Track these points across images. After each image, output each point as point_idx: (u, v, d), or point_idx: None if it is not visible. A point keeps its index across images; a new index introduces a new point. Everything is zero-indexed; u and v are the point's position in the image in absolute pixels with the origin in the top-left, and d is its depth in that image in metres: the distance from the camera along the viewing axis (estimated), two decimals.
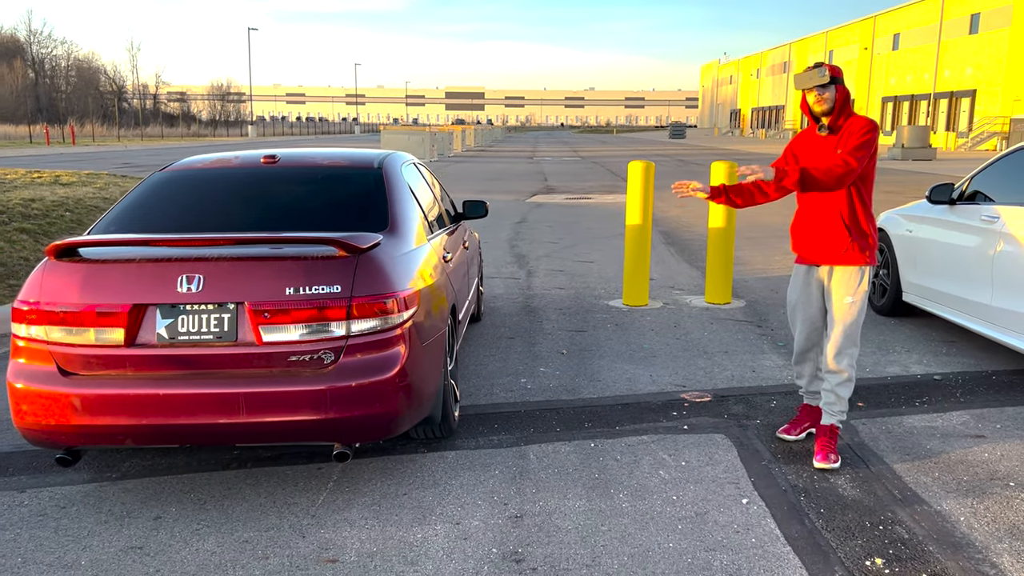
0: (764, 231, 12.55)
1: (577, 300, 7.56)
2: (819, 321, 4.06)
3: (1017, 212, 4.97)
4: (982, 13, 49.51)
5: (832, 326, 3.91)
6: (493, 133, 79.08)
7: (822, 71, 3.76)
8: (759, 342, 6.04)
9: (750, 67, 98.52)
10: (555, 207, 16.63)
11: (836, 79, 3.82)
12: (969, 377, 5.11)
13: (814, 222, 3.93)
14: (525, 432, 4.29)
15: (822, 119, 3.86)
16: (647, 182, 7.12)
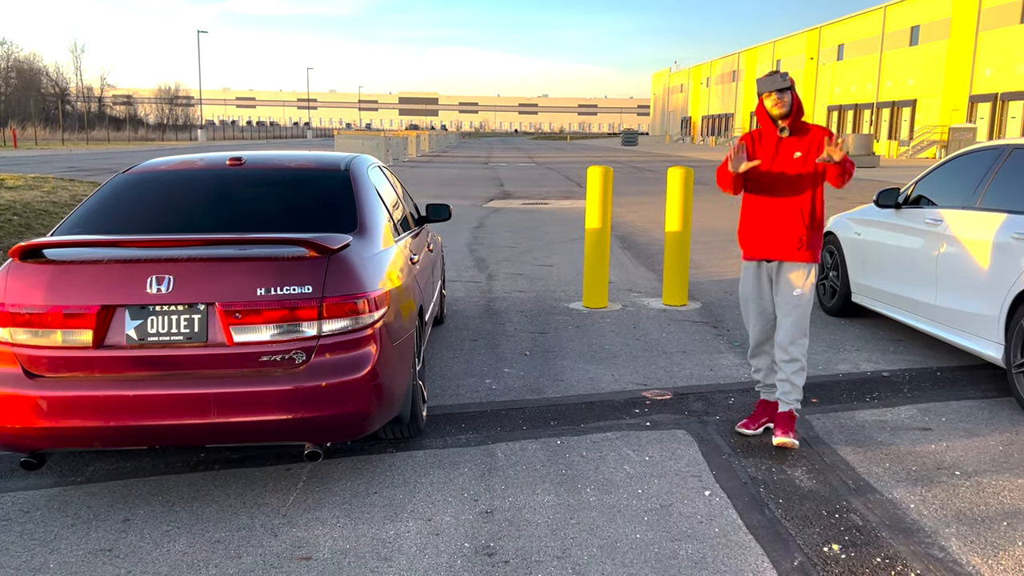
0: (716, 235, 12.82)
1: (538, 303, 7.65)
2: (773, 314, 4.26)
3: (958, 215, 5.21)
4: (921, 26, 51.15)
5: (783, 318, 4.14)
6: (447, 139, 79.04)
7: (784, 76, 3.97)
8: (716, 342, 6.20)
9: (700, 76, 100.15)
10: (513, 212, 16.74)
11: (792, 86, 4.03)
12: (916, 373, 5.33)
13: (771, 219, 4.13)
14: (492, 431, 4.35)
15: (780, 122, 4.06)
16: (606, 187, 7.26)
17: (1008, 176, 4.94)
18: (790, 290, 4.13)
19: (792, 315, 4.12)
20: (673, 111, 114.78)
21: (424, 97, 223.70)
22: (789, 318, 4.13)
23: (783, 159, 4.10)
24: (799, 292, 4.12)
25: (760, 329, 4.31)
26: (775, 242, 4.14)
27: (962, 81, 46.91)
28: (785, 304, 4.15)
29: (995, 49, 44.21)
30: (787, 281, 4.14)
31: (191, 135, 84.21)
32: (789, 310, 4.13)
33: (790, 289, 4.13)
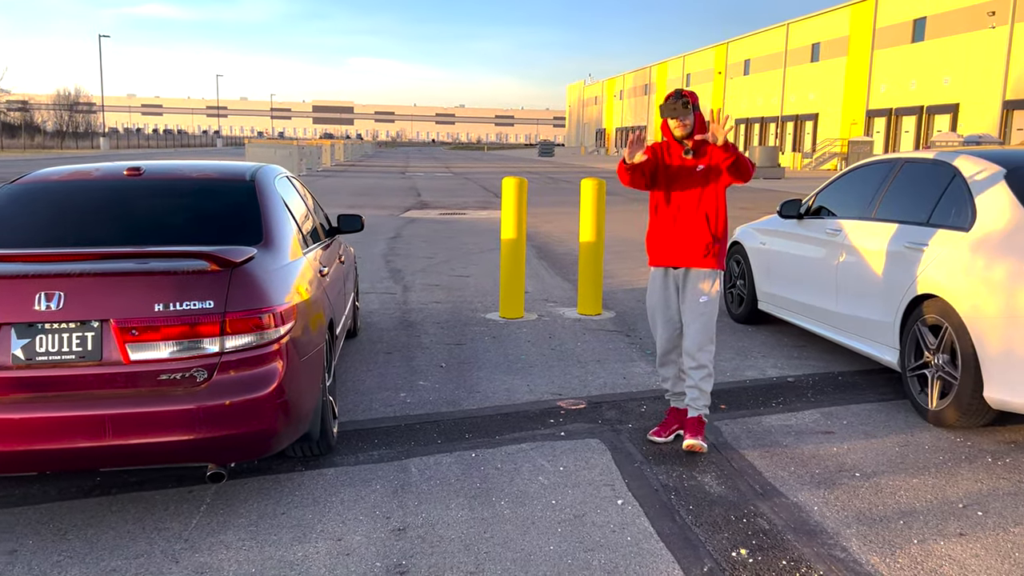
0: (630, 245, 13.04)
1: (454, 314, 7.61)
2: (679, 323, 4.35)
3: (856, 225, 5.43)
4: (822, 43, 53.48)
5: (690, 325, 4.24)
6: (363, 148, 78.23)
7: (684, 101, 4.09)
8: (629, 350, 6.28)
9: (614, 88, 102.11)
10: (429, 222, 16.66)
11: (694, 106, 4.16)
12: (818, 378, 5.52)
13: (677, 228, 4.25)
14: (406, 446, 4.29)
15: (685, 142, 4.20)
16: (520, 197, 7.28)
17: (900, 188, 5.18)
18: (696, 297, 4.23)
19: (699, 322, 4.23)
20: (588, 123, 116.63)
21: (339, 106, 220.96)
22: (696, 324, 4.23)
23: (688, 172, 4.24)
24: (705, 299, 4.23)
25: (667, 337, 4.40)
26: (682, 250, 4.25)
27: (860, 96, 49.24)
28: (692, 311, 4.25)
29: (889, 66, 46.59)
30: (693, 288, 4.25)
31: (93, 143, 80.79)
32: (695, 317, 4.23)
33: (696, 296, 4.24)
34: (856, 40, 49.72)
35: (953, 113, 41.56)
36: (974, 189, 4.51)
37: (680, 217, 4.25)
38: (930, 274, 4.52)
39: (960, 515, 3.49)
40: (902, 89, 45.49)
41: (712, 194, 4.23)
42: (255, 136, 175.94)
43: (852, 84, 50.10)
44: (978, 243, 4.29)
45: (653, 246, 4.36)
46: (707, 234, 4.21)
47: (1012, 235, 4.14)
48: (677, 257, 4.27)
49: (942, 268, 4.44)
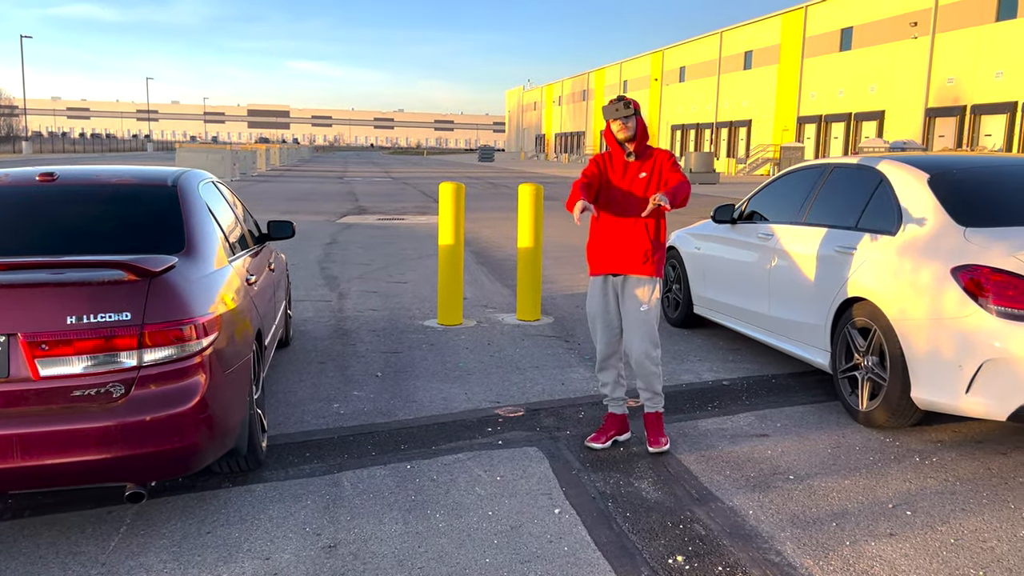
0: (569, 251, 13.08)
1: (391, 321, 7.49)
2: (619, 328, 4.36)
3: (787, 230, 5.51)
4: (754, 51, 54.76)
5: (632, 333, 4.26)
6: (300, 152, 77.08)
7: (627, 103, 4.13)
8: (567, 356, 6.26)
9: (552, 94, 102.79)
10: (367, 228, 16.45)
11: (636, 111, 4.20)
12: (753, 381, 5.58)
13: (618, 236, 4.25)
14: (338, 459, 4.17)
15: (627, 145, 4.22)
16: (457, 203, 7.21)
17: (829, 193, 5.27)
18: (636, 305, 4.25)
19: (641, 329, 4.25)
20: (528, 128, 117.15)
21: (275, 110, 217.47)
22: (638, 332, 4.25)
23: (630, 179, 4.25)
24: (645, 307, 4.25)
25: (607, 343, 4.39)
26: (621, 257, 4.25)
27: (791, 103, 50.55)
28: (632, 319, 4.27)
29: (819, 74, 47.95)
30: (633, 296, 4.26)
31: (15, 147, 77.80)
32: (637, 325, 4.25)
33: (636, 304, 4.25)
34: (787, 49, 51.04)
35: (879, 120, 42.97)
36: (900, 194, 4.62)
37: (621, 224, 4.26)
38: (859, 278, 4.60)
39: (890, 515, 3.54)
40: (831, 96, 46.86)
41: None
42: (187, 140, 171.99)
43: (784, 91, 51.41)
44: (904, 247, 4.38)
45: (593, 253, 4.35)
46: (647, 241, 4.23)
47: (936, 239, 4.24)
48: (616, 264, 4.28)
49: (870, 272, 4.53)
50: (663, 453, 4.28)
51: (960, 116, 37.71)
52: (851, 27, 45.19)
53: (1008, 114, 35.10)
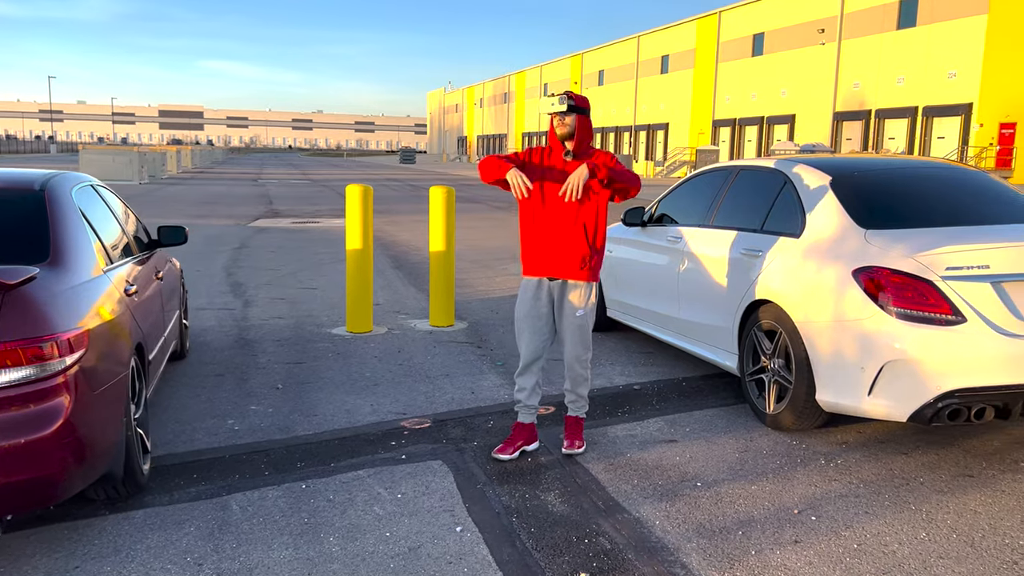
0: (487, 254, 12.95)
1: (298, 329, 7.21)
2: (546, 333, 4.24)
3: (696, 233, 5.49)
4: (671, 55, 55.83)
5: (567, 337, 4.19)
6: (214, 154, 74.93)
7: (561, 99, 4.03)
8: (479, 363, 6.11)
9: (474, 96, 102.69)
10: (280, 231, 15.98)
11: (578, 108, 4.08)
12: (663, 385, 5.54)
13: (555, 238, 4.13)
14: (229, 480, 3.92)
15: (566, 143, 4.11)
16: (366, 205, 6.99)
17: (736, 196, 5.27)
18: (573, 310, 4.16)
19: (576, 334, 4.18)
20: (449, 130, 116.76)
21: (188, 111, 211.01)
22: (573, 336, 4.19)
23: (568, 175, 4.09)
24: (581, 312, 4.16)
25: (533, 348, 4.26)
26: (559, 261, 4.14)
27: (706, 107, 51.73)
28: (568, 324, 4.19)
29: (733, 79, 49.19)
30: (570, 300, 4.17)
31: None
32: (573, 329, 4.18)
33: (573, 309, 4.16)
34: (702, 53, 52.20)
35: (790, 123, 44.34)
36: (804, 196, 4.63)
37: (558, 226, 4.12)
38: (765, 280, 4.60)
39: (795, 521, 3.50)
40: (744, 100, 48.13)
41: (592, 204, 4.13)
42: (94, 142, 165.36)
43: (699, 95, 52.56)
44: (808, 250, 4.39)
45: (528, 254, 4.21)
46: (584, 246, 4.11)
47: (838, 242, 4.25)
48: (553, 268, 4.15)
49: (776, 274, 4.52)
50: (573, 456, 4.20)
51: (866, 120, 39.23)
52: (762, 33, 46.52)
53: (909, 118, 36.69)
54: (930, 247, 3.90)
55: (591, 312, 4.20)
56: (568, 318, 4.18)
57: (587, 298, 4.18)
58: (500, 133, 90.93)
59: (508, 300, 8.79)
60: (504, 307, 8.38)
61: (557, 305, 4.23)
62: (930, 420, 3.79)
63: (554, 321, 4.28)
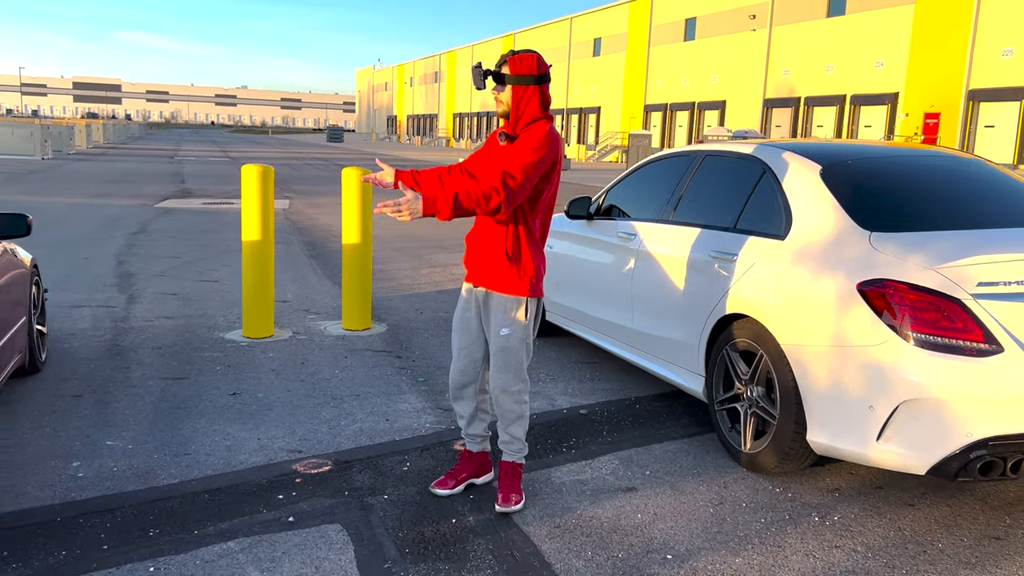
0: (415, 241, 11.97)
1: (186, 333, 6.14)
2: (477, 351, 3.43)
3: (652, 229, 4.66)
4: (603, 38, 55.25)
5: (492, 359, 3.36)
6: (130, 129, 71.35)
7: (475, 70, 3.18)
8: (397, 378, 5.19)
9: (404, 75, 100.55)
10: (188, 213, 14.64)
11: (513, 77, 3.18)
12: (614, 408, 4.71)
13: (482, 236, 3.33)
14: (48, 559, 2.92)
15: (503, 121, 3.26)
16: (265, 189, 5.96)
17: (702, 186, 4.46)
18: (497, 326, 3.31)
19: (498, 357, 3.34)
20: (379, 109, 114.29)
21: (104, 83, 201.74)
22: (496, 360, 3.35)
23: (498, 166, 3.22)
24: (506, 331, 3.30)
25: (461, 368, 3.45)
26: (483, 265, 3.31)
27: (638, 91, 51.36)
28: (493, 343, 3.35)
29: (665, 63, 48.90)
30: (493, 315, 3.33)
31: None
32: (495, 351, 3.34)
33: (497, 325, 3.31)
34: (634, 37, 51.76)
35: (721, 109, 44.28)
36: (788, 189, 3.83)
37: (484, 223, 3.29)
38: (741, 291, 3.80)
39: None
40: (676, 85, 47.90)
41: (527, 199, 3.24)
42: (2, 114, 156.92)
43: (631, 79, 52.15)
44: (797, 254, 3.59)
45: (467, 254, 3.41)
46: (504, 252, 3.26)
47: (836, 246, 3.46)
48: (478, 273, 3.34)
49: (754, 284, 3.72)
50: (510, 515, 3.34)
51: (795, 107, 39.36)
52: (694, 18, 46.27)
53: (837, 106, 36.91)
54: (955, 256, 3.14)
55: (521, 333, 3.31)
56: (492, 334, 3.35)
57: (514, 314, 3.30)
58: (431, 113, 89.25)
59: (434, 297, 7.87)
60: (430, 305, 7.46)
61: (483, 320, 3.40)
62: (955, 475, 3.05)
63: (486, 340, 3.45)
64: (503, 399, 3.37)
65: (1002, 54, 30.32)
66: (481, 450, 3.57)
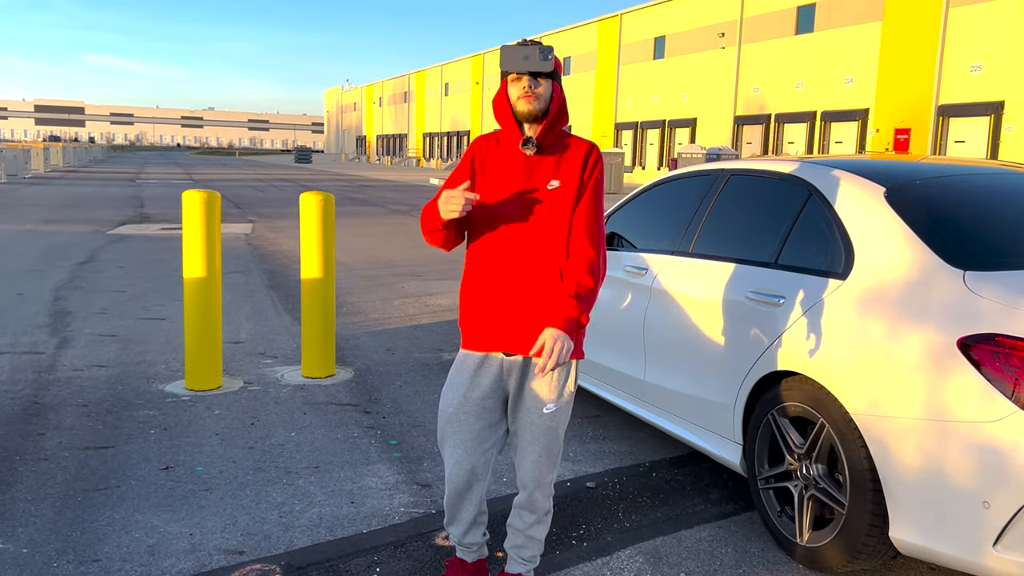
0: (383, 268, 11.16)
1: (119, 386, 5.29)
2: (489, 442, 2.58)
3: (669, 263, 3.92)
4: (572, 57, 55.02)
5: (527, 446, 2.53)
6: (92, 152, 69.69)
7: (545, 51, 2.34)
8: (365, 442, 4.39)
9: (373, 95, 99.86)
10: (143, 240, 13.69)
11: (555, 73, 2.45)
12: (626, 478, 3.94)
13: (512, 287, 2.47)
14: None
15: (526, 127, 2.46)
16: (210, 218, 5.15)
17: (727, 211, 3.73)
18: (539, 404, 2.51)
19: (540, 441, 2.55)
20: (347, 129, 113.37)
21: (67, 106, 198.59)
22: (536, 446, 2.56)
23: (531, 186, 2.48)
24: (552, 407, 2.52)
25: (470, 468, 2.59)
26: (519, 325, 2.47)
27: (609, 109, 51.07)
28: (531, 426, 2.54)
29: (635, 82, 48.69)
30: (533, 390, 2.51)
31: None
32: (537, 435, 2.55)
33: (539, 402, 2.51)
34: (603, 55, 51.56)
35: (692, 127, 44.06)
36: (844, 215, 3.11)
37: (517, 268, 2.48)
38: (792, 342, 3.06)
39: None
40: (647, 103, 47.67)
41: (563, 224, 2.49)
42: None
43: (601, 97, 51.89)
44: (866, 298, 2.86)
45: (469, 316, 2.57)
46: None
47: (921, 288, 2.73)
48: (510, 337, 2.50)
49: (811, 334, 2.98)
50: None
51: (766, 124, 39.21)
52: (664, 36, 46.14)
53: (808, 123, 36.78)
54: None
55: (567, 408, 2.58)
56: (529, 417, 2.54)
57: (562, 385, 2.54)
58: (401, 133, 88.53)
59: (407, 333, 7.07)
60: (402, 344, 6.66)
61: (513, 396, 2.57)
62: None
63: (505, 421, 2.63)
64: (537, 495, 2.61)
65: (970, 70, 30.33)
66: (479, 558, 2.79)
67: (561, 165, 2.48)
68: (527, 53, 2.38)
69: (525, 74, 2.40)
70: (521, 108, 2.44)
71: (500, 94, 2.51)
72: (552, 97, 2.46)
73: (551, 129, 2.48)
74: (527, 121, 2.46)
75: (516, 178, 2.48)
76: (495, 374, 2.54)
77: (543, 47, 2.38)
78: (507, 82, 2.47)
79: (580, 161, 2.48)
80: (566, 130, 2.56)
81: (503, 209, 2.47)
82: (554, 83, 2.47)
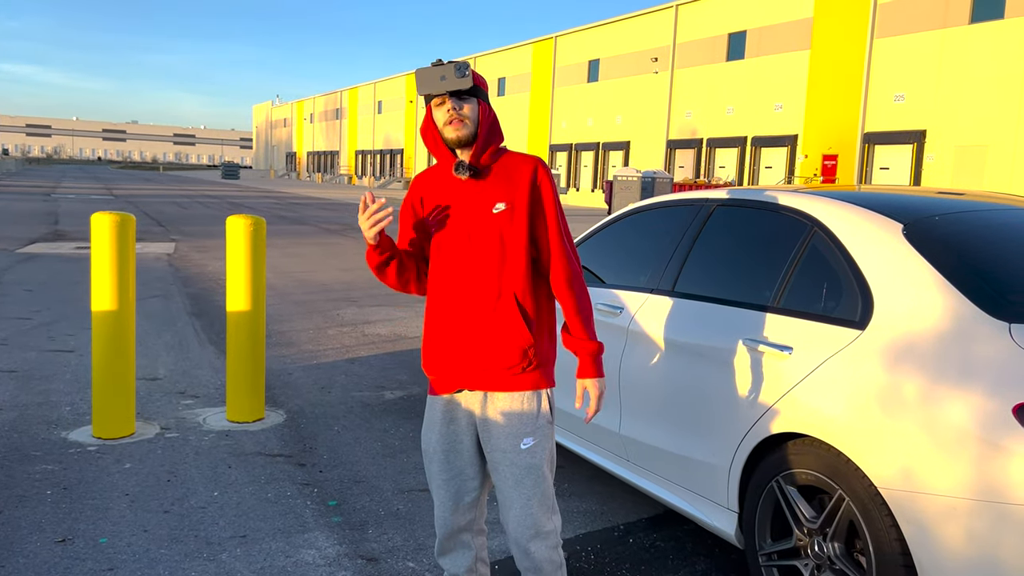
0: (317, 292, 10.53)
1: (15, 433, 4.61)
2: (476, 480, 2.42)
3: (648, 302, 3.51)
4: (507, 78, 55.06)
5: (509, 492, 2.31)
6: (4, 164, 66.53)
7: (461, 67, 2.13)
8: (300, 502, 3.84)
9: (304, 111, 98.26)
10: (56, 260, 12.73)
11: (479, 90, 2.24)
12: (600, 545, 3.50)
13: (467, 321, 2.25)
14: None
15: (459, 152, 2.31)
16: (123, 242, 4.55)
17: (714, 246, 3.35)
18: (512, 441, 2.26)
19: (524, 484, 2.29)
20: (277, 145, 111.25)
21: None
22: (519, 490, 2.29)
23: (473, 214, 2.27)
24: (529, 442, 2.26)
25: (453, 505, 2.37)
26: (478, 360, 2.29)
27: (543, 131, 51.18)
28: (511, 467, 2.29)
29: (569, 104, 48.91)
30: (502, 425, 2.25)
31: None
32: (520, 476, 2.29)
33: (512, 439, 2.25)
34: (538, 77, 51.72)
35: (626, 150, 44.42)
36: (858, 255, 2.75)
37: (469, 301, 2.28)
38: (802, 399, 2.67)
39: None
40: (581, 125, 47.92)
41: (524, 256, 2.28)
42: None
43: (536, 119, 51.99)
44: (890, 352, 2.49)
45: (431, 356, 2.37)
46: (521, 330, 2.25)
47: (957, 342, 2.35)
48: (467, 373, 2.30)
49: (824, 391, 2.60)
50: None
51: (698, 148, 39.75)
52: (598, 59, 46.52)
53: (739, 148, 37.43)
54: None
55: (548, 441, 2.31)
56: (506, 458, 2.27)
57: (536, 415, 2.28)
58: (332, 150, 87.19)
59: (344, 367, 6.51)
60: (339, 380, 6.10)
61: (483, 434, 2.31)
62: None
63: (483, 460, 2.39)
64: (536, 548, 2.28)
65: (894, 99, 31.28)
66: None
67: (505, 186, 2.28)
68: (443, 73, 2.19)
69: (446, 96, 2.20)
70: (449, 135, 2.26)
71: (426, 121, 2.31)
72: (479, 119, 2.27)
73: (483, 150, 2.29)
74: (458, 147, 2.29)
75: (458, 206, 2.30)
76: (467, 411, 2.35)
77: (459, 64, 2.18)
78: (431, 108, 2.27)
79: (527, 179, 2.29)
80: (503, 148, 2.34)
81: (449, 239, 2.31)
82: (480, 101, 2.29)
